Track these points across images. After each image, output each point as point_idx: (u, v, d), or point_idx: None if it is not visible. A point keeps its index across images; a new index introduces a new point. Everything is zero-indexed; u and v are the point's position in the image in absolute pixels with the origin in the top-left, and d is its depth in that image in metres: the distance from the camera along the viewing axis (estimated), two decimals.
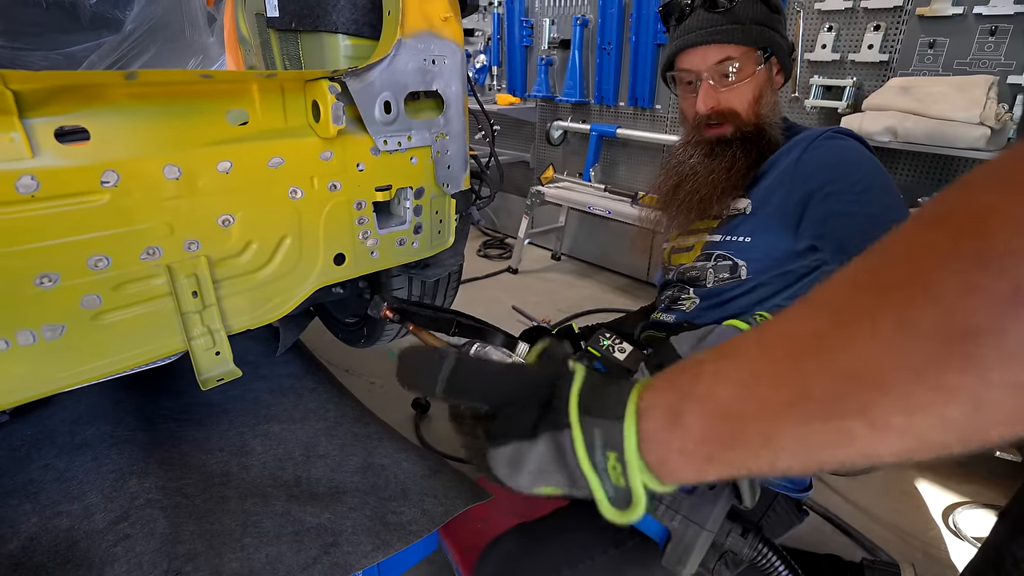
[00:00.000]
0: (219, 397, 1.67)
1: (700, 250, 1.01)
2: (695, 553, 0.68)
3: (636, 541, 0.91)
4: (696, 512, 0.69)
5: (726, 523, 0.70)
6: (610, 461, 0.38)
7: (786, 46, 0.98)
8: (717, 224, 1.00)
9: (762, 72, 0.96)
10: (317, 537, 1.17)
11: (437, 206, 1.17)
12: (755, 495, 0.69)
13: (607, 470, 0.38)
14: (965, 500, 1.79)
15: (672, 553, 0.70)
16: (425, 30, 1.03)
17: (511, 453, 0.41)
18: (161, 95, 0.78)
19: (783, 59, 0.98)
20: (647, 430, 0.37)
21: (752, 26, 0.94)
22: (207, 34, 1.73)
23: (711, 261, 0.99)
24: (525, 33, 4.04)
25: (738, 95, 0.97)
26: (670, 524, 0.70)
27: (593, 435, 0.39)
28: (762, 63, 0.95)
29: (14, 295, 0.72)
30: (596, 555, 0.92)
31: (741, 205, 0.97)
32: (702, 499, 0.69)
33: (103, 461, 1.35)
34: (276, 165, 0.91)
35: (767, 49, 0.95)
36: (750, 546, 0.68)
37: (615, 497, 0.39)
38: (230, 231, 0.89)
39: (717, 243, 0.99)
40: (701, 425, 0.34)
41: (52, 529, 1.18)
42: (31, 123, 0.69)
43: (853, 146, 0.90)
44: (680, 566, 0.69)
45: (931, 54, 2.36)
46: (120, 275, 0.80)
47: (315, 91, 0.91)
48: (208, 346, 0.92)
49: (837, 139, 0.90)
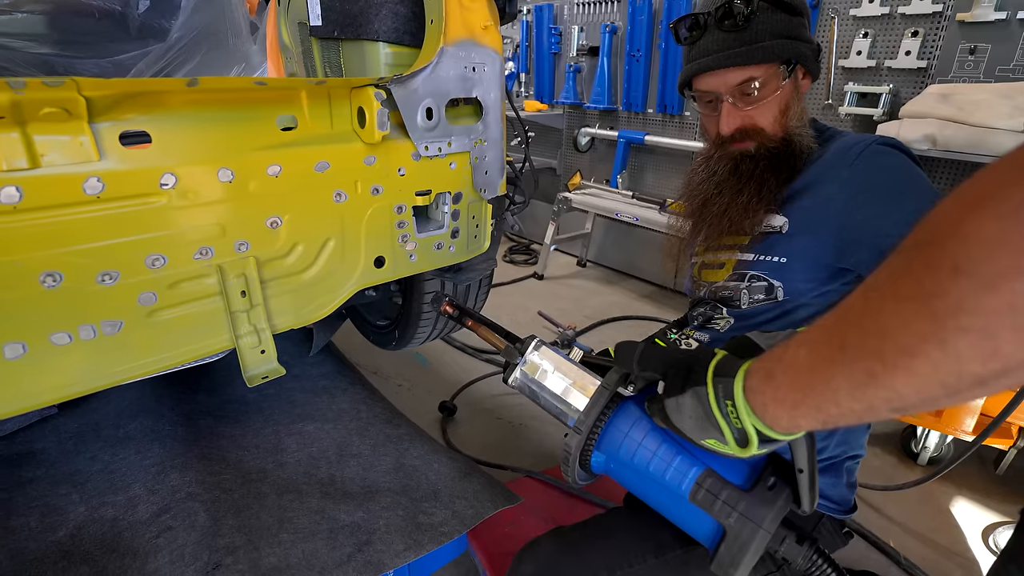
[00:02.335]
0: (254, 395, 1.71)
1: (732, 269, 0.97)
2: (749, 554, 0.66)
3: (677, 553, 0.90)
4: (753, 511, 0.67)
5: (782, 529, 0.69)
6: (728, 407, 0.54)
7: (812, 47, 0.92)
8: (748, 241, 0.95)
9: (788, 85, 0.91)
10: (351, 535, 1.19)
11: (474, 211, 1.19)
12: (814, 500, 0.67)
13: (728, 415, 0.55)
14: (1005, 520, 1.74)
15: (725, 553, 0.68)
16: (466, 38, 1.05)
17: (674, 404, 0.62)
18: (218, 101, 0.81)
19: (809, 63, 0.92)
20: (750, 385, 0.52)
21: (773, 42, 0.88)
22: (250, 42, 1.79)
23: (745, 282, 0.95)
24: (553, 40, 4.07)
25: (763, 112, 0.92)
26: (726, 521, 0.68)
27: (718, 389, 0.56)
28: (787, 76, 0.90)
29: (78, 291, 0.75)
30: (635, 563, 0.91)
31: (777, 223, 0.92)
32: (760, 498, 0.68)
33: (146, 454, 1.40)
34: (323, 169, 0.93)
35: (792, 61, 0.89)
36: (804, 556, 0.67)
37: (738, 437, 0.56)
38: (278, 233, 0.92)
39: (751, 262, 0.95)
40: (787, 378, 0.48)
41: (98, 519, 1.22)
42: (99, 127, 0.72)
43: (900, 164, 0.84)
44: (732, 568, 0.68)
45: (972, 60, 2.31)
46: (175, 274, 0.83)
47: (361, 98, 0.94)
48: (254, 344, 0.94)
49: (882, 156, 0.84)
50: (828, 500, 0.95)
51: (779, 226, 0.92)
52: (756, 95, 0.91)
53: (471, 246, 1.23)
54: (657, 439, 0.77)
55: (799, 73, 0.93)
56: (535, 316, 3.36)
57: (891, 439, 2.10)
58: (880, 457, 2.03)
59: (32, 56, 1.74)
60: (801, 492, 0.67)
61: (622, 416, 0.82)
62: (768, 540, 0.67)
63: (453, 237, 1.17)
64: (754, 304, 0.95)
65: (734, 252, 0.97)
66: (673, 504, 0.76)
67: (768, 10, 0.87)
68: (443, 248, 1.17)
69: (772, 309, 0.93)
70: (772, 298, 0.93)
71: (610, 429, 0.81)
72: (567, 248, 4.28)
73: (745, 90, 0.91)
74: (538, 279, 3.81)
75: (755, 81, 0.89)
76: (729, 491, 0.69)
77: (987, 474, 1.93)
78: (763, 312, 0.94)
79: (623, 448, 0.79)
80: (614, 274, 3.95)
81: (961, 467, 1.86)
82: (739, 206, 0.95)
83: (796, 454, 0.65)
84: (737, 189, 0.95)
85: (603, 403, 0.81)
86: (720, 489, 0.70)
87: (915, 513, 1.77)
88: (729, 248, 0.98)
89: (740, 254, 0.96)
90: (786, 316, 0.92)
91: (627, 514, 1.02)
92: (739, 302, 0.97)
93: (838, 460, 0.96)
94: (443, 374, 2.59)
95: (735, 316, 0.99)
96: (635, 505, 1.02)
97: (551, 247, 3.78)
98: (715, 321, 1.01)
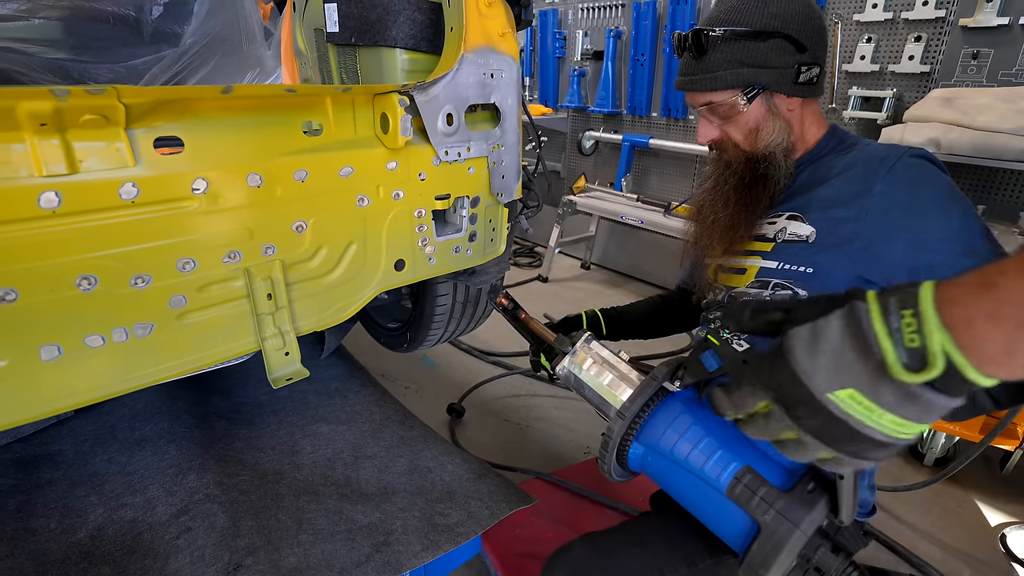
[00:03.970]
0: (267, 398, 1.72)
1: (754, 276, 0.97)
2: (783, 555, 0.66)
3: (708, 563, 0.90)
4: (792, 510, 0.67)
5: (817, 536, 0.68)
6: (905, 318, 0.40)
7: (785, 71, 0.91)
8: (772, 248, 0.96)
9: (756, 108, 0.93)
10: (369, 536, 1.20)
11: (491, 215, 1.21)
12: (854, 511, 0.67)
13: (901, 329, 0.40)
14: (1014, 520, 1.75)
15: (757, 552, 0.68)
16: (485, 45, 1.07)
17: (808, 333, 0.45)
18: (248, 108, 0.83)
19: (782, 87, 0.92)
20: (951, 293, 0.38)
21: (727, 73, 0.91)
22: (264, 47, 1.80)
23: (768, 289, 0.95)
24: (558, 45, 4.09)
25: (733, 129, 0.96)
26: (762, 518, 0.68)
27: (888, 302, 0.41)
28: (746, 102, 0.92)
29: (112, 294, 0.77)
30: (667, 571, 0.91)
31: (804, 232, 0.92)
32: (800, 499, 0.68)
33: (162, 456, 1.41)
34: (347, 174, 0.95)
35: (755, 87, 0.91)
36: (837, 569, 0.67)
37: (908, 362, 0.40)
38: (303, 236, 0.93)
39: (775, 271, 0.94)
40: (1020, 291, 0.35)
41: (117, 520, 1.23)
42: (134, 133, 0.74)
43: (934, 178, 0.83)
44: (763, 569, 0.67)
45: (975, 65, 2.34)
46: (204, 277, 0.85)
47: (384, 104, 0.95)
48: (279, 346, 0.96)
49: (916, 169, 0.83)
50: None
51: (806, 236, 0.91)
52: (722, 113, 0.96)
53: (487, 249, 1.24)
54: (700, 432, 0.78)
55: (772, 95, 0.93)
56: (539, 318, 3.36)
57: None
58: (896, 463, 2.04)
59: (48, 61, 1.76)
60: (841, 500, 0.66)
61: (666, 408, 0.83)
62: (803, 543, 0.66)
63: (471, 240, 1.19)
64: None
65: (756, 259, 0.97)
66: (708, 500, 0.76)
67: (729, 39, 0.90)
68: (461, 251, 1.18)
69: None
70: None
71: (653, 420, 0.82)
72: (571, 251, 4.30)
73: (711, 108, 0.96)
74: (542, 281, 3.83)
75: (715, 104, 0.94)
76: (768, 489, 0.70)
77: (994, 475, 1.94)
78: None
79: (664, 438, 0.80)
80: (618, 276, 3.97)
81: (968, 468, 1.87)
82: (727, 218, 0.98)
83: None
84: (724, 200, 1.00)
85: (649, 393, 0.83)
86: (759, 486, 0.70)
87: (924, 514, 1.79)
88: (751, 255, 0.98)
89: (763, 261, 0.96)
90: None
91: (658, 521, 1.03)
92: None
93: None
94: (450, 376, 2.61)
95: None
96: (663, 510, 1.03)
97: (555, 250, 3.80)
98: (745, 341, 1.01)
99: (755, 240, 0.98)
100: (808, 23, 0.89)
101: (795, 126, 0.96)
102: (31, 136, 0.66)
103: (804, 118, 0.97)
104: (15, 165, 0.66)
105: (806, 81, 0.91)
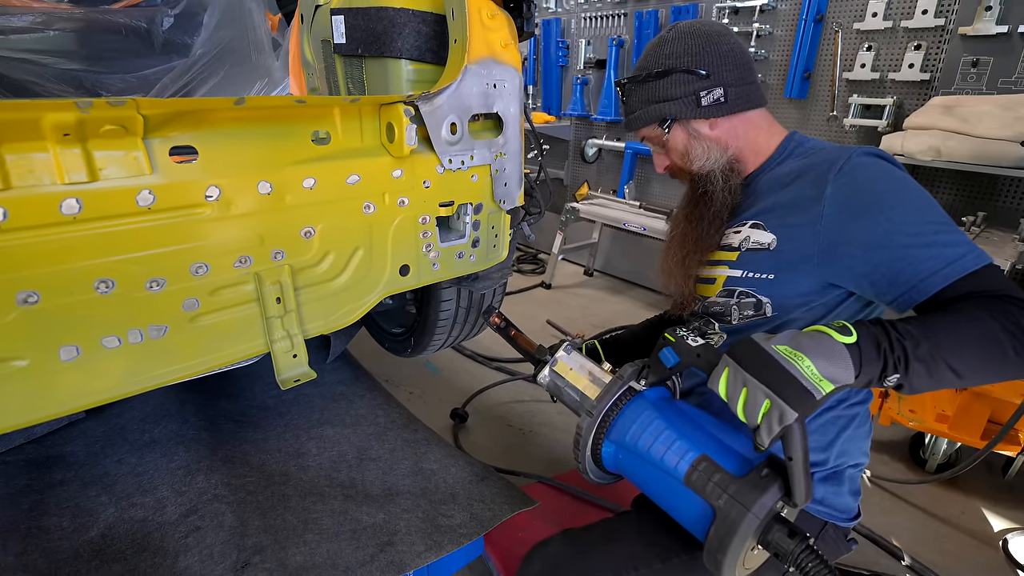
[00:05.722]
0: (274, 401, 1.75)
1: (722, 285, 1.00)
2: (737, 538, 0.69)
3: (682, 558, 0.93)
4: (744, 494, 0.71)
5: (773, 521, 0.71)
6: None
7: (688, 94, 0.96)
8: (737, 257, 0.98)
9: (676, 135, 1.02)
10: (373, 536, 1.23)
11: (493, 221, 1.23)
12: (806, 493, 0.69)
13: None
14: (1016, 526, 1.75)
15: (714, 537, 0.71)
16: (488, 56, 1.10)
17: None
18: (259, 118, 0.86)
19: (687, 110, 0.97)
20: None
21: (642, 111, 1.02)
22: (272, 58, 1.85)
23: (734, 298, 0.98)
24: (561, 53, 4.14)
25: (672, 154, 1.06)
26: (716, 502, 0.72)
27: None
28: (666, 132, 1.02)
29: (129, 297, 0.80)
30: (641, 567, 0.94)
31: (765, 240, 0.93)
32: (751, 484, 0.71)
33: (172, 457, 1.44)
34: (354, 182, 0.98)
35: (665, 119, 1.00)
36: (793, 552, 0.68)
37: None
38: (311, 242, 0.96)
39: (739, 279, 0.97)
40: None
41: (128, 520, 1.26)
42: (151, 143, 0.77)
43: (881, 173, 0.84)
44: (720, 554, 0.70)
45: (974, 73, 2.36)
46: (216, 281, 0.88)
47: (390, 114, 0.98)
48: (287, 349, 0.98)
49: (863, 168, 0.84)
50: (831, 508, 0.97)
51: (767, 243, 0.93)
52: (658, 144, 1.07)
53: (490, 255, 1.27)
54: (661, 425, 0.83)
55: (688, 122, 1.00)
56: (543, 324, 3.40)
57: (899, 446, 2.12)
58: (889, 464, 2.05)
59: (62, 72, 1.80)
60: (792, 482, 0.69)
61: (633, 406, 0.88)
62: (756, 525, 0.69)
63: (474, 246, 1.21)
64: (744, 320, 0.98)
65: (723, 269, 0.99)
66: (670, 489, 0.80)
67: (639, 83, 1.02)
68: (464, 257, 1.21)
69: (762, 324, 0.96)
70: (761, 314, 0.95)
71: (621, 418, 0.87)
72: (574, 258, 4.32)
73: (649, 141, 1.08)
74: (546, 288, 3.85)
75: (648, 138, 1.06)
76: (722, 475, 0.74)
77: (996, 481, 1.95)
78: (753, 327, 0.97)
79: (630, 434, 0.85)
80: (621, 283, 3.99)
81: (969, 474, 1.88)
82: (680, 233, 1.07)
83: (787, 442, 0.67)
84: (680, 217, 1.09)
85: (616, 392, 0.88)
86: (713, 472, 0.74)
87: (925, 519, 1.79)
88: (718, 265, 1.01)
89: (729, 270, 0.98)
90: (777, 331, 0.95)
91: (635, 519, 1.06)
92: (730, 318, 1.00)
93: (840, 469, 0.98)
94: (453, 382, 2.63)
95: (727, 331, 1.02)
96: (642, 509, 1.06)
97: (558, 256, 3.83)
98: (709, 336, 1.04)
99: (721, 250, 1.01)
100: (703, 53, 0.96)
101: (731, 141, 1.00)
102: (54, 146, 0.69)
103: (743, 131, 1.00)
104: (39, 173, 0.69)
105: (712, 103, 0.97)
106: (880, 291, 0.83)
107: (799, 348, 0.68)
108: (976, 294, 0.74)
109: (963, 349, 0.70)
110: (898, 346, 0.69)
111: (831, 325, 0.71)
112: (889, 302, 0.83)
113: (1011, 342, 0.69)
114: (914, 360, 0.69)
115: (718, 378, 0.72)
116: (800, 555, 0.68)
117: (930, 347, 0.69)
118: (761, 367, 0.68)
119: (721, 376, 0.72)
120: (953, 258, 0.76)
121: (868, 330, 0.70)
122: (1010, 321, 0.70)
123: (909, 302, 0.80)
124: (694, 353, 0.79)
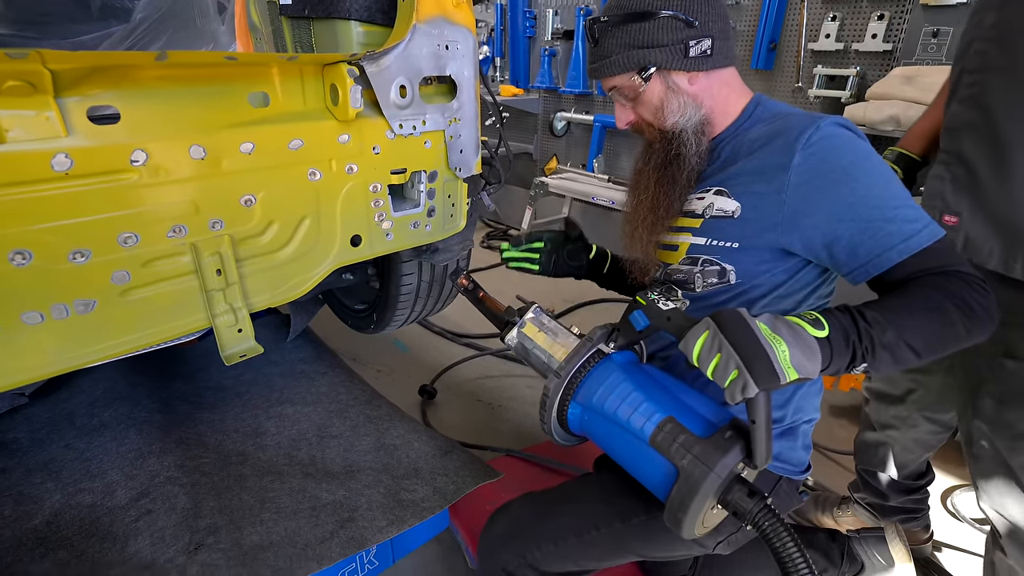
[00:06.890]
0: (232, 381, 1.70)
1: (685, 252, 0.99)
2: (698, 498, 0.70)
3: (642, 519, 0.95)
4: (707, 455, 0.71)
5: (734, 482, 0.73)
6: None
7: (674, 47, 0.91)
8: (700, 224, 0.97)
9: (654, 86, 0.94)
10: (333, 513, 1.21)
11: (450, 190, 1.20)
12: (767, 455, 0.71)
13: None
14: (963, 483, 1.82)
15: (676, 496, 0.72)
16: (438, 15, 1.05)
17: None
18: (188, 77, 0.80)
19: (674, 60, 0.92)
20: None
21: (620, 56, 0.93)
22: (217, 22, 1.75)
23: (698, 266, 0.97)
24: (528, 24, 4.05)
25: (643, 108, 0.98)
26: (680, 462, 0.73)
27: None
28: (644, 82, 0.94)
29: (49, 270, 0.75)
30: (602, 527, 0.95)
31: (729, 208, 0.92)
32: (715, 445, 0.72)
33: (122, 441, 1.39)
34: (296, 147, 0.93)
35: (648, 66, 0.93)
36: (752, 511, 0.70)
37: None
38: (252, 211, 0.92)
39: (703, 247, 0.96)
40: None
41: (75, 505, 1.21)
42: (65, 103, 0.71)
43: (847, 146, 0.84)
44: (681, 512, 0.71)
45: (935, 43, 2.38)
46: (148, 252, 0.83)
47: (334, 75, 0.93)
48: (231, 323, 0.94)
49: (829, 139, 0.84)
50: (785, 462, 1.00)
51: (731, 211, 0.92)
52: (628, 96, 0.97)
53: (447, 225, 1.24)
54: (629, 387, 0.83)
55: (669, 73, 0.94)
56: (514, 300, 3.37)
57: (854, 411, 2.18)
58: (846, 428, 2.11)
59: None
60: (755, 446, 0.70)
61: (601, 368, 0.87)
62: (718, 484, 0.71)
63: (429, 216, 1.18)
64: (708, 287, 0.97)
65: (687, 236, 0.98)
66: (635, 450, 0.80)
67: (619, 24, 0.92)
68: (419, 227, 1.18)
69: (726, 291, 0.95)
70: (725, 281, 0.95)
71: (588, 379, 0.86)
72: None
73: (618, 91, 0.98)
74: None
75: (619, 88, 0.96)
76: (687, 436, 0.74)
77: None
78: (717, 294, 0.96)
79: (597, 395, 0.84)
80: None
81: None
82: (649, 197, 1.00)
83: (752, 408, 0.68)
84: (647, 180, 1.02)
85: (585, 354, 0.87)
86: (679, 433, 0.75)
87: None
88: (682, 230, 0.99)
89: (693, 238, 0.97)
90: (739, 297, 0.94)
91: (596, 480, 1.07)
92: (694, 285, 0.99)
93: (795, 425, 1.00)
94: (422, 359, 2.60)
95: (690, 299, 1.01)
96: (603, 470, 1.07)
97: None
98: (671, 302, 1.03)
99: (685, 216, 0.99)
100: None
101: (706, 100, 0.96)
102: None
103: (717, 90, 0.96)
104: None
105: (699, 55, 0.92)
106: (838, 262, 0.84)
107: (778, 333, 0.70)
108: (930, 271, 0.77)
109: (922, 330, 0.73)
110: (866, 336, 0.71)
111: (804, 317, 0.72)
112: (846, 273, 0.84)
113: (962, 321, 0.73)
114: (880, 348, 0.71)
115: (695, 339, 0.72)
116: (758, 514, 0.70)
117: (894, 332, 0.71)
118: (740, 337, 0.68)
119: (699, 338, 0.71)
120: (910, 233, 0.78)
121: (838, 322, 0.72)
122: (960, 299, 0.73)
123: (865, 275, 0.81)
124: (664, 316, 0.79)
